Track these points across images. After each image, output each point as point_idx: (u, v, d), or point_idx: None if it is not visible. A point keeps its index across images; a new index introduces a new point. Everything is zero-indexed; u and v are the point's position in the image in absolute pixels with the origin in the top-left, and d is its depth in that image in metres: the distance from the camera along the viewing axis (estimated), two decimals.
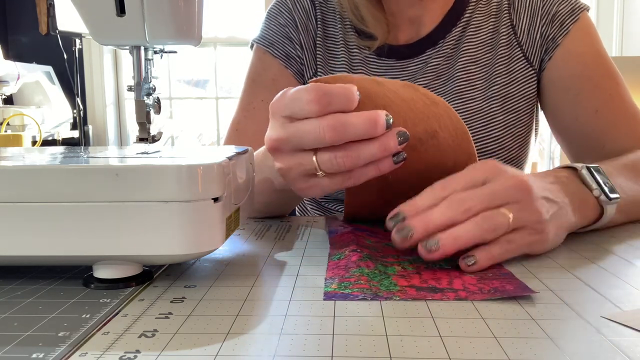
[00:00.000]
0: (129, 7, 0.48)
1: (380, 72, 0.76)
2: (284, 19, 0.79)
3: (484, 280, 0.39)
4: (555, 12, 0.72)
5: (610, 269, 0.42)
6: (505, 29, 0.74)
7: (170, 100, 3.35)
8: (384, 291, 0.37)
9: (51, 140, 2.73)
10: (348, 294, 0.37)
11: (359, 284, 0.38)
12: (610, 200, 0.50)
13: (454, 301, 0.36)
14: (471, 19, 0.76)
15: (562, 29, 0.72)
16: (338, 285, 0.38)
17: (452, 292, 0.37)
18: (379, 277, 0.40)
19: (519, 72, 0.74)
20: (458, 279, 0.40)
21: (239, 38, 3.28)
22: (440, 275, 0.41)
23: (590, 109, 0.71)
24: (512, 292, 0.36)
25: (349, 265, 0.42)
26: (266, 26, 0.80)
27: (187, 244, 0.37)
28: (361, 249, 0.45)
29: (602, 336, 0.30)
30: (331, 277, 0.40)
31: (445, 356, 0.28)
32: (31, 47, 3.14)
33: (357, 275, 0.40)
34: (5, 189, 0.37)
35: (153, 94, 0.55)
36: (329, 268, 0.43)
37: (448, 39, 0.75)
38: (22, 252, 0.38)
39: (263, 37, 0.79)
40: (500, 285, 0.38)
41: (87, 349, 0.29)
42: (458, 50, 0.75)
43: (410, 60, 0.76)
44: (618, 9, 2.68)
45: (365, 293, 0.37)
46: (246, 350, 0.29)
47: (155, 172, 0.37)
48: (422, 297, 0.36)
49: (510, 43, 0.74)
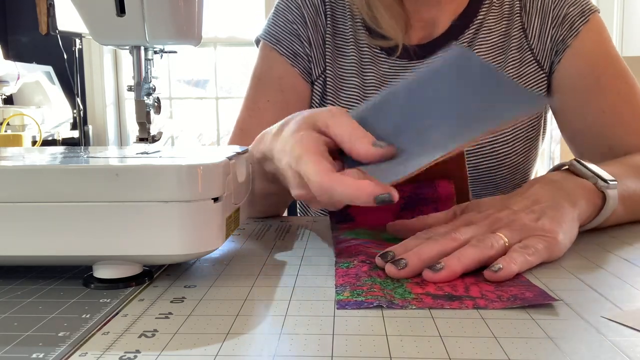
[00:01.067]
0: (129, 7, 0.48)
1: (391, 72, 0.75)
2: (292, 16, 0.77)
3: (502, 287, 0.38)
4: (566, 14, 0.72)
5: (610, 269, 0.42)
6: (516, 32, 0.74)
7: (170, 100, 3.35)
8: (398, 299, 0.36)
9: (51, 140, 2.73)
10: (362, 301, 0.35)
11: (372, 291, 0.37)
12: (609, 184, 0.51)
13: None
14: (484, 21, 0.75)
15: (572, 31, 0.71)
16: (351, 293, 0.37)
17: (470, 300, 0.35)
18: (392, 285, 0.38)
19: (529, 75, 0.74)
20: (475, 285, 0.38)
21: (239, 38, 3.28)
22: (456, 281, 0.39)
23: (597, 109, 0.71)
24: (532, 300, 0.35)
25: (360, 274, 0.40)
26: (273, 22, 0.78)
27: (187, 244, 0.37)
28: (371, 260, 0.43)
29: (602, 336, 0.30)
30: (342, 285, 0.38)
31: (445, 356, 0.28)
32: (31, 47, 3.14)
33: (369, 284, 0.38)
34: (5, 189, 0.37)
35: (153, 94, 0.55)
36: (337, 275, 0.41)
37: (460, 40, 0.74)
38: (22, 252, 0.38)
39: (269, 34, 0.77)
40: (519, 293, 0.36)
41: (87, 349, 0.29)
42: None
43: (421, 62, 0.75)
44: (618, 9, 2.68)
45: (379, 300, 0.35)
46: (246, 350, 0.29)
47: (155, 172, 0.37)
48: (439, 305, 0.35)
49: (522, 46, 0.74)
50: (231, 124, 0.81)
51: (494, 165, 0.73)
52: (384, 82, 0.75)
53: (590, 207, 0.50)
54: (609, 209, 0.51)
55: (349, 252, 0.45)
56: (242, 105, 0.79)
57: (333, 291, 0.38)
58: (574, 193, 0.49)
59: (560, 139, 2.75)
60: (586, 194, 0.50)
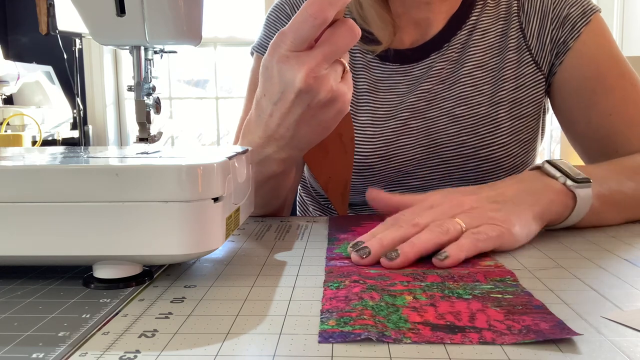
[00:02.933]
0: (129, 7, 0.48)
1: (383, 77, 0.75)
2: (282, 26, 0.77)
3: (513, 315, 0.33)
4: (567, 15, 0.71)
5: (610, 269, 0.42)
6: (514, 32, 0.73)
7: (170, 100, 3.35)
8: (392, 330, 0.31)
9: (51, 140, 2.73)
10: (348, 332, 0.30)
11: (362, 319, 0.32)
12: (578, 183, 0.51)
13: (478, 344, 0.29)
14: (478, 22, 0.74)
15: (573, 32, 0.70)
16: (337, 322, 0.32)
17: (475, 333, 0.30)
18: (385, 310, 0.33)
19: (527, 76, 0.73)
20: (481, 312, 0.33)
21: (239, 38, 3.28)
22: (460, 306, 0.34)
23: (603, 112, 0.70)
24: (548, 334, 0.30)
25: (350, 297, 0.36)
26: (264, 34, 0.79)
27: (187, 244, 0.37)
28: (364, 279, 0.39)
29: (602, 336, 0.30)
30: (328, 310, 0.34)
31: (446, 356, 0.28)
32: (31, 47, 3.14)
33: (359, 309, 0.33)
34: (5, 189, 0.37)
35: (153, 94, 0.55)
36: (325, 297, 0.36)
37: (453, 42, 0.74)
38: (22, 252, 0.38)
39: (261, 45, 0.79)
40: (533, 324, 0.31)
41: (87, 349, 0.29)
42: (463, 54, 0.73)
43: (414, 65, 0.74)
44: (618, 9, 2.68)
45: (369, 331, 0.30)
46: (246, 350, 0.29)
47: (155, 172, 0.37)
48: (438, 340, 0.30)
49: (520, 47, 0.73)
50: (231, 124, 0.81)
51: (491, 167, 0.73)
52: (376, 87, 0.75)
53: (558, 206, 0.51)
54: (581, 207, 0.52)
55: (341, 271, 0.42)
56: (241, 112, 0.80)
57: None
58: (539, 192, 0.51)
59: (560, 139, 2.75)
60: (553, 194, 0.51)
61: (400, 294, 0.36)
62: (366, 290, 0.37)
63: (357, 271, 0.41)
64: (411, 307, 0.34)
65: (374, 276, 0.40)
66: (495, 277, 0.40)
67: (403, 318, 0.32)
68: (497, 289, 0.37)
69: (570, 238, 0.51)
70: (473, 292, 0.37)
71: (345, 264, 0.44)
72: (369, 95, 0.74)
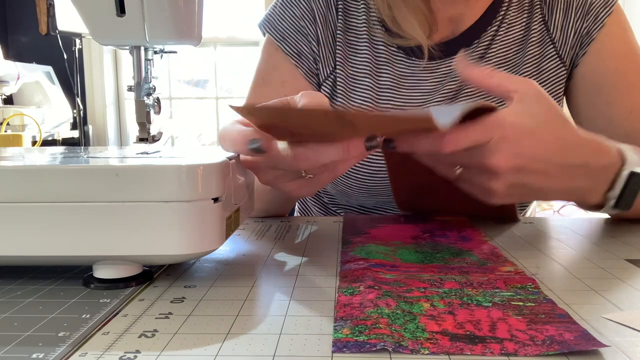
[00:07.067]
0: (129, 7, 0.48)
1: (408, 73, 0.70)
2: (300, 11, 0.71)
3: (536, 324, 0.31)
4: (590, 4, 0.69)
5: (610, 269, 0.42)
6: (537, 25, 0.70)
7: (170, 100, 3.36)
8: (408, 340, 0.29)
9: (51, 140, 2.73)
10: (364, 342, 0.29)
11: (377, 328, 0.31)
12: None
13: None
14: (505, 16, 0.71)
15: (597, 23, 0.68)
16: (351, 330, 0.31)
17: (497, 344, 0.29)
18: (402, 318, 0.32)
19: (550, 71, 0.70)
20: (502, 322, 0.32)
21: (239, 38, 3.28)
22: (479, 314, 0.33)
23: (624, 110, 0.68)
24: (573, 345, 0.29)
25: (365, 303, 0.34)
26: (280, 15, 0.72)
27: (187, 244, 0.37)
28: (379, 285, 0.38)
29: (602, 336, 0.30)
30: (342, 318, 0.32)
31: (446, 356, 0.28)
32: (31, 47, 3.14)
33: (374, 317, 0.32)
34: (5, 189, 0.37)
35: (153, 94, 0.55)
36: (338, 305, 0.35)
37: (483, 38, 0.70)
38: (22, 252, 0.38)
39: (275, 28, 0.72)
40: (557, 334, 0.30)
41: (87, 349, 0.29)
42: (488, 50, 0.71)
43: (441, 62, 0.70)
44: None
45: (385, 341, 0.29)
46: (246, 350, 0.29)
47: (155, 172, 0.37)
48: (458, 350, 0.28)
49: (543, 40, 0.70)
50: None
51: None
52: (400, 83, 0.70)
53: (600, 159, 0.51)
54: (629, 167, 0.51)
55: (355, 276, 0.40)
56: (251, 85, 0.75)
57: (333, 291, 0.38)
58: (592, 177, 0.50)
59: None
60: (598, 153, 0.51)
61: (417, 300, 0.35)
62: (381, 297, 0.35)
63: (372, 276, 0.40)
64: (429, 315, 0.33)
65: (389, 281, 0.39)
66: (516, 284, 0.38)
67: (420, 327, 0.31)
68: (518, 296, 0.36)
69: (571, 238, 0.51)
70: (493, 299, 0.35)
71: (360, 265, 0.42)
72: (392, 92, 0.70)
